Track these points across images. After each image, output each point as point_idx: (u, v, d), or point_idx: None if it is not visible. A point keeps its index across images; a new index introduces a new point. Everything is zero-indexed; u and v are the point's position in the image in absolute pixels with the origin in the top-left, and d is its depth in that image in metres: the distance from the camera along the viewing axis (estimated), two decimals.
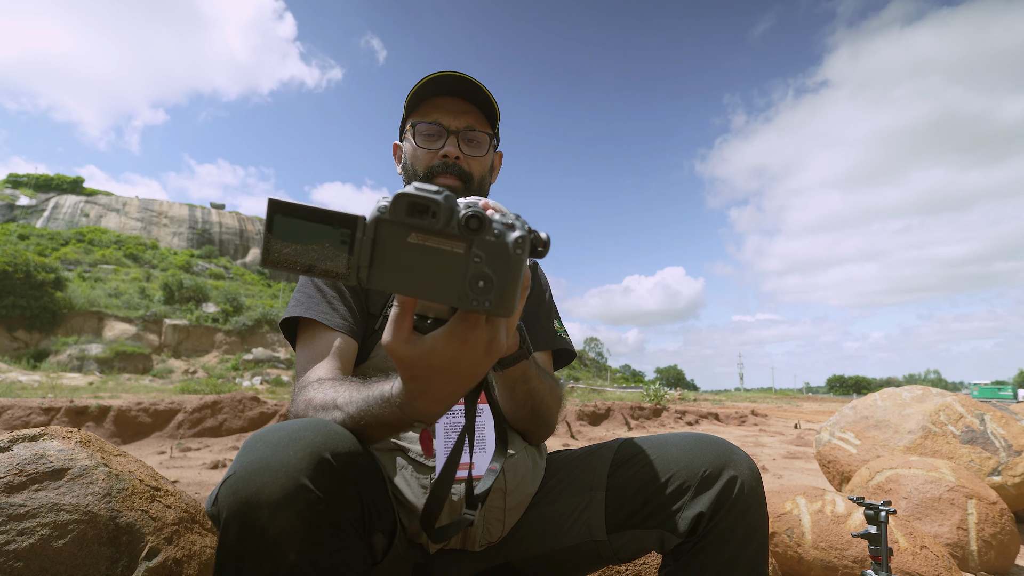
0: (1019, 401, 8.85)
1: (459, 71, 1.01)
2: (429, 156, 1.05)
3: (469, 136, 1.06)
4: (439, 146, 1.04)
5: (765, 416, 13.43)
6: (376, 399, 0.70)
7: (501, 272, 0.49)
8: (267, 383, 23.12)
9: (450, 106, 1.05)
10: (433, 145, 1.05)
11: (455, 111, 1.05)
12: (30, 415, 6.81)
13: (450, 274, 0.49)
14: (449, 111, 1.04)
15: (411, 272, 0.49)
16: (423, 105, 1.06)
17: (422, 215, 0.48)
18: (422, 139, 1.05)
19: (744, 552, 0.83)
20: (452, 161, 1.04)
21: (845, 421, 3.22)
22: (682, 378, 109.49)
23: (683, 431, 0.96)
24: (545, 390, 0.96)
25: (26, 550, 0.75)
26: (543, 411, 0.98)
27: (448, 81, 1.02)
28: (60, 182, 61.23)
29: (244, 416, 7.82)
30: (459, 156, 1.04)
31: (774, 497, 2.01)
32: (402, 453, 0.93)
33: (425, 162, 1.05)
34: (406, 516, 0.90)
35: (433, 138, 1.05)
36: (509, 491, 0.95)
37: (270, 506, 0.62)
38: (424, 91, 1.04)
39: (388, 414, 0.68)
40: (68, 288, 30.61)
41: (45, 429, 0.92)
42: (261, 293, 44.31)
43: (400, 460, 0.93)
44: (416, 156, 1.06)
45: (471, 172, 1.06)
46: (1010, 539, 2.10)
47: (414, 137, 1.06)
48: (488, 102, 1.05)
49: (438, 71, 1.01)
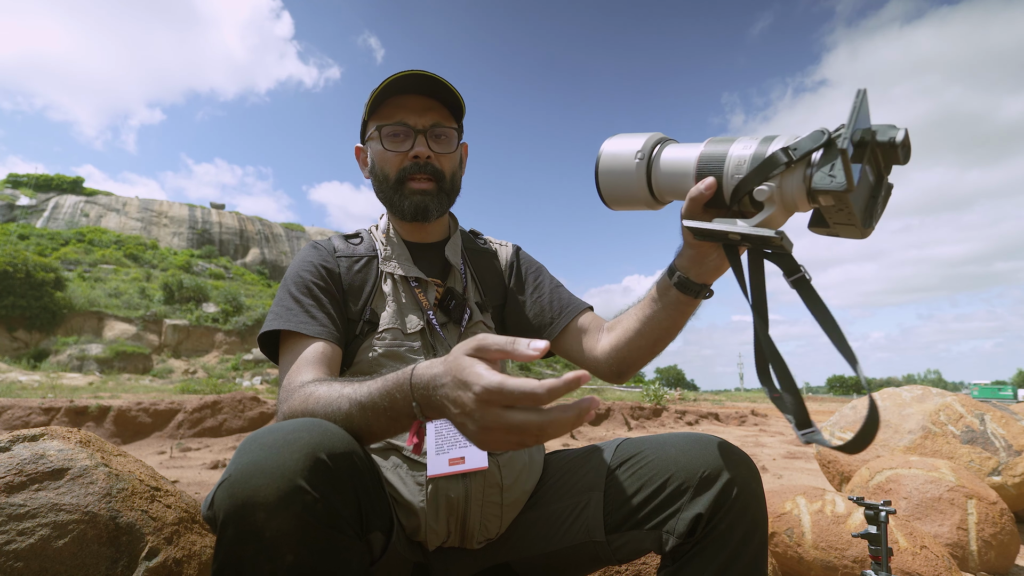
0: (1019, 401, 8.86)
1: (419, 69, 1.00)
2: (399, 158, 1.04)
3: (436, 133, 1.05)
4: (407, 147, 1.04)
5: (765, 416, 13.43)
6: (392, 382, 0.70)
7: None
8: (267, 383, 23.11)
9: (413, 104, 1.03)
10: (401, 147, 1.04)
11: (419, 109, 1.03)
12: (30, 415, 6.81)
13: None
14: (413, 110, 1.03)
15: None
16: (385, 106, 1.05)
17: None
18: (389, 141, 1.04)
19: (744, 552, 0.82)
20: (424, 161, 1.04)
21: (845, 421, 3.22)
22: (682, 378, 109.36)
23: (683, 431, 0.96)
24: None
25: (26, 550, 0.75)
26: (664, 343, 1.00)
27: (409, 80, 1.01)
28: (60, 182, 61.21)
29: (244, 416, 7.82)
30: (430, 155, 1.04)
31: (774, 497, 2.01)
32: (396, 452, 0.94)
33: (396, 164, 1.05)
34: (403, 514, 0.91)
35: (400, 139, 1.04)
36: (506, 487, 0.96)
37: (267, 508, 0.62)
38: (385, 92, 1.02)
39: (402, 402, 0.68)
40: (68, 288, 30.60)
41: (45, 429, 0.92)
42: (261, 293, 44.28)
43: (394, 459, 0.93)
44: (385, 159, 1.05)
45: (443, 170, 1.06)
46: (1010, 539, 2.10)
47: (381, 140, 1.04)
48: (450, 97, 1.04)
49: (398, 72, 1.00)
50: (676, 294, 0.91)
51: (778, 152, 0.64)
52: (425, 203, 1.05)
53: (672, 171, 0.75)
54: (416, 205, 1.04)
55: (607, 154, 0.81)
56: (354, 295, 1.05)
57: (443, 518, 0.91)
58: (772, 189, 0.65)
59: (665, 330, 0.97)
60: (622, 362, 1.03)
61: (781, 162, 0.63)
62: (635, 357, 1.02)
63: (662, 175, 0.76)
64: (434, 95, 1.04)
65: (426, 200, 1.05)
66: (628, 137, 0.81)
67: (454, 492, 0.91)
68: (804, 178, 0.63)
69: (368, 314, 1.03)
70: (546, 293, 1.18)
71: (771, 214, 0.66)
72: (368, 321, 1.03)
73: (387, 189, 1.06)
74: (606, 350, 1.06)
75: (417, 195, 1.04)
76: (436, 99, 1.05)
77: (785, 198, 0.66)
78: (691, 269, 0.89)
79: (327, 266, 1.05)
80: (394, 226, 1.13)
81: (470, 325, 1.08)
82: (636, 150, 0.78)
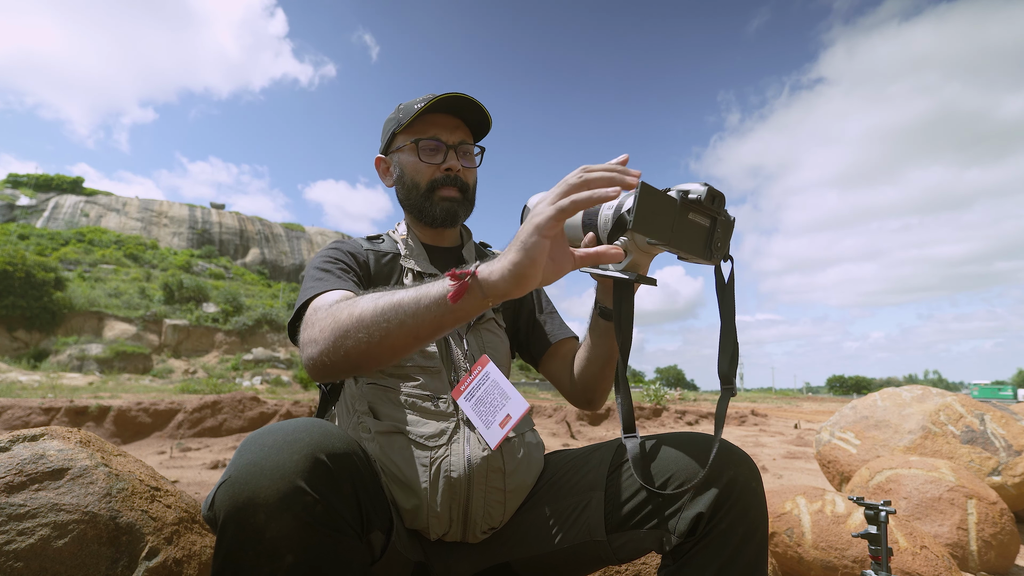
0: (1019, 401, 8.85)
1: (457, 92, 1.09)
2: (431, 169, 1.13)
3: (463, 150, 1.15)
4: (440, 160, 1.13)
5: (765, 416, 13.43)
6: (430, 294, 0.75)
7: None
8: (267, 383, 23.12)
9: (444, 122, 1.13)
10: (435, 159, 1.13)
11: (449, 127, 1.13)
12: (30, 415, 6.81)
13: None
14: (444, 127, 1.12)
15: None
16: (418, 122, 1.12)
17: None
18: (425, 154, 1.12)
19: (744, 552, 0.83)
20: (454, 174, 1.12)
21: (845, 421, 3.22)
22: (682, 378, 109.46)
23: (683, 431, 0.96)
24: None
25: (26, 550, 0.75)
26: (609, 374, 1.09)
27: (445, 100, 1.09)
28: (60, 182, 61.23)
29: (244, 416, 7.82)
30: (460, 169, 1.13)
31: (774, 497, 2.01)
32: (402, 434, 0.96)
33: (428, 175, 1.13)
34: (405, 496, 0.92)
35: (434, 152, 1.12)
36: (508, 472, 0.98)
37: (267, 509, 0.62)
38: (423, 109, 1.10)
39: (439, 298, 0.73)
40: (68, 288, 30.61)
41: (45, 429, 0.92)
42: (261, 293, 44.31)
43: (400, 440, 0.95)
44: (418, 169, 1.13)
45: (468, 182, 1.16)
46: (1010, 539, 2.10)
47: (418, 153, 1.12)
48: (479, 117, 1.14)
49: (440, 94, 1.08)
50: (602, 322, 1.03)
51: (623, 214, 0.82)
52: (454, 209, 1.14)
53: (570, 225, 0.93)
54: (446, 211, 1.13)
55: (529, 211, 0.98)
56: (380, 285, 1.11)
57: (445, 501, 0.92)
58: (626, 242, 0.82)
59: (607, 355, 1.06)
60: (585, 390, 1.14)
61: (626, 222, 0.81)
62: (592, 383, 1.11)
63: (567, 228, 0.93)
64: (461, 115, 1.14)
65: (455, 206, 1.14)
66: (544, 195, 0.99)
67: (456, 472, 0.92)
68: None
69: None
70: (544, 313, 1.27)
71: (633, 259, 0.84)
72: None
73: (416, 197, 1.14)
74: (573, 380, 1.16)
75: (447, 202, 1.13)
76: (462, 119, 1.15)
77: (638, 247, 0.83)
78: (606, 299, 1.02)
79: (354, 253, 1.12)
80: (414, 230, 1.21)
81: (483, 321, 1.12)
82: None
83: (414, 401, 0.99)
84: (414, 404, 0.99)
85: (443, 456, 0.94)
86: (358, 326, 0.78)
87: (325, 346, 0.81)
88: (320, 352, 0.82)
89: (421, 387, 1.00)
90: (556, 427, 9.68)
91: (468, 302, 0.72)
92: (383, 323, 0.76)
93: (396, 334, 0.76)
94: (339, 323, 0.80)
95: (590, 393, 1.13)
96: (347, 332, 0.79)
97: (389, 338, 0.76)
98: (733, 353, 0.84)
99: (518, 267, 0.69)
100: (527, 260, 0.69)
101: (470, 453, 0.94)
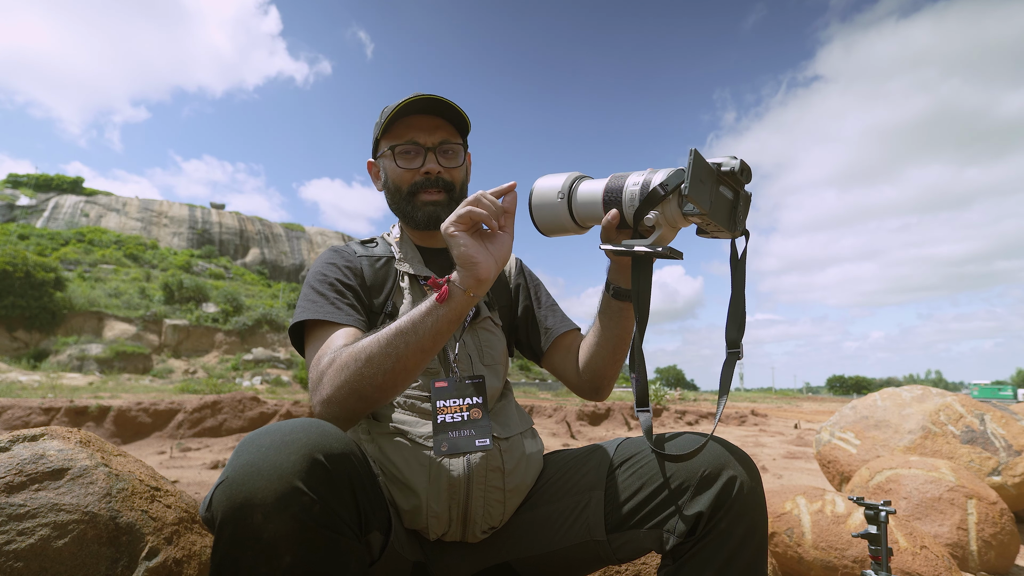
0: (1019, 401, 8.85)
1: (428, 94, 1.08)
2: (410, 174, 1.12)
3: (444, 149, 1.13)
4: (418, 164, 1.11)
5: (765, 416, 13.43)
6: (421, 309, 0.84)
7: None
8: (267, 383, 23.13)
9: (422, 124, 1.11)
10: (412, 164, 1.12)
11: (428, 128, 1.11)
12: (30, 415, 6.81)
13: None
14: (422, 129, 1.11)
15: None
16: (396, 126, 1.11)
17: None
18: (402, 159, 1.11)
19: (743, 552, 0.83)
20: (435, 176, 1.11)
21: (845, 421, 3.22)
22: (682, 378, 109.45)
23: (683, 431, 0.96)
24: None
25: (26, 550, 0.75)
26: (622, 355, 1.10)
27: (419, 103, 1.08)
28: (60, 182, 61.23)
29: (244, 416, 7.82)
30: (440, 171, 1.11)
31: (774, 497, 2.01)
32: (402, 435, 0.96)
33: (407, 180, 1.12)
34: (405, 496, 0.93)
35: (411, 156, 1.12)
36: (508, 471, 0.98)
37: (264, 509, 0.62)
38: (397, 114, 1.09)
39: (439, 313, 0.83)
40: (68, 288, 30.60)
41: (45, 429, 0.92)
42: (261, 293, 44.31)
43: (400, 441, 0.96)
44: (398, 175, 1.12)
45: (453, 182, 1.14)
46: (1010, 539, 2.10)
47: (394, 158, 1.12)
48: (455, 115, 1.12)
49: (409, 96, 1.07)
50: (615, 303, 1.04)
51: (656, 188, 0.83)
52: (437, 212, 1.12)
53: (586, 203, 0.94)
54: (428, 215, 1.12)
55: (536, 193, 0.99)
56: (376, 290, 1.11)
57: (445, 501, 0.92)
58: (657, 216, 0.84)
59: (618, 337, 1.07)
60: (593, 376, 1.13)
61: (660, 195, 0.82)
62: (601, 369, 1.12)
63: (580, 207, 0.95)
64: (441, 115, 1.12)
65: (437, 210, 1.12)
66: (552, 177, 1.00)
67: (456, 471, 0.92)
68: (677, 205, 0.82)
69: (389, 307, 1.09)
70: (544, 308, 1.27)
71: (661, 233, 0.86)
72: (388, 314, 1.08)
73: (400, 201, 1.14)
74: (580, 368, 1.16)
75: (429, 206, 1.12)
76: (443, 118, 1.12)
77: (668, 221, 0.85)
78: (620, 279, 1.03)
79: (349, 264, 1.12)
80: (407, 233, 1.20)
81: (479, 320, 1.12)
82: (557, 189, 0.96)
83: (413, 402, 0.99)
84: (413, 405, 0.99)
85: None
86: (369, 365, 0.84)
87: (345, 403, 0.86)
88: (341, 410, 0.87)
89: (420, 388, 1.00)
90: (556, 427, 9.69)
91: (454, 299, 0.83)
92: (391, 351, 0.83)
93: (405, 354, 0.83)
94: (351, 374, 0.85)
95: (598, 380, 1.13)
96: (362, 377, 0.84)
97: (400, 361, 0.83)
98: (741, 322, 0.87)
99: (459, 260, 0.84)
100: (458, 253, 0.83)
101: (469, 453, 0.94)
